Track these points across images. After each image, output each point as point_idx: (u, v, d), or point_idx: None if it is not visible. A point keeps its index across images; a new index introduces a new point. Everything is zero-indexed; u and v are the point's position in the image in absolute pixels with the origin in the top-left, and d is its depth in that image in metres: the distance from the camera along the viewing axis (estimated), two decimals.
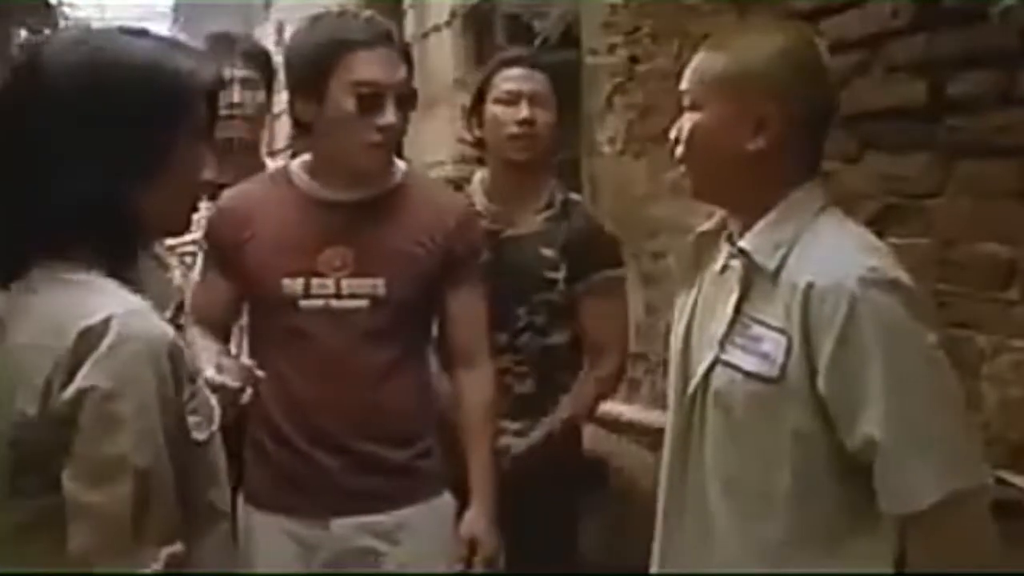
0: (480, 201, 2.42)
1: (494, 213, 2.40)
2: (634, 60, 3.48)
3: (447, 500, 2.06)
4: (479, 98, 2.43)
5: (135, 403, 1.13)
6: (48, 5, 8.99)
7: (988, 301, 2.12)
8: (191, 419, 1.21)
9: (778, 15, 2.56)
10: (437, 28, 5.21)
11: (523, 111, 2.35)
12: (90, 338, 1.13)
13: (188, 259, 2.38)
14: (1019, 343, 2.07)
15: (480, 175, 2.50)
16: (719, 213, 1.64)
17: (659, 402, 3.09)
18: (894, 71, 2.32)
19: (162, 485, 1.16)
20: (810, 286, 1.40)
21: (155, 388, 1.15)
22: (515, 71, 2.40)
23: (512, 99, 2.36)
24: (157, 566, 1.13)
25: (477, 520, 2.02)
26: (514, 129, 2.35)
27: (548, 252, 2.37)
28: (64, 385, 1.13)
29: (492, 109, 2.39)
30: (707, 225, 1.65)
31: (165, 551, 1.14)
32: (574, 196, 2.50)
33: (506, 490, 2.09)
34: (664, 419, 1.68)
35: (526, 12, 4.22)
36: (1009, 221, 2.08)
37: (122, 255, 1.24)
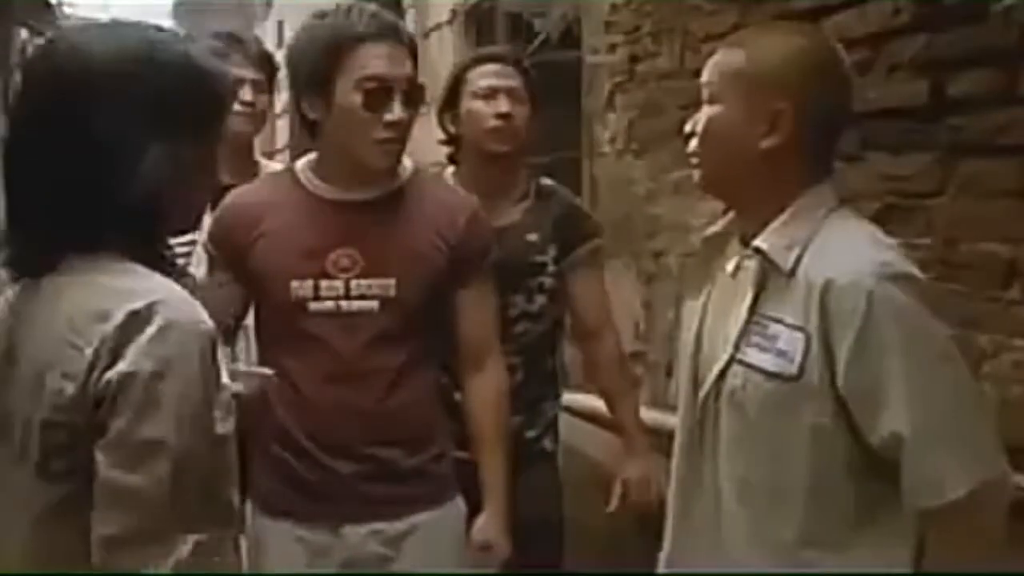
0: None
1: None
2: (635, 59, 3.48)
3: (458, 504, 2.02)
4: (453, 96, 2.44)
5: (178, 388, 1.13)
6: (48, 5, 9.01)
7: (989, 300, 2.12)
8: (216, 412, 1.20)
9: (778, 14, 2.56)
10: (438, 27, 5.21)
11: (502, 105, 2.36)
12: (136, 322, 1.12)
13: (186, 258, 2.38)
14: (1020, 342, 2.07)
15: (451, 171, 2.49)
16: (725, 216, 1.63)
17: (659, 402, 3.09)
18: (895, 70, 2.32)
19: (197, 471, 1.15)
20: (828, 283, 1.40)
21: (198, 374, 1.15)
22: (490, 67, 2.41)
23: (490, 94, 2.37)
24: (187, 548, 1.12)
25: (489, 525, 1.99)
26: (493, 123, 2.36)
27: (533, 237, 2.39)
28: (107, 367, 1.12)
29: (469, 105, 2.39)
30: (715, 228, 1.65)
31: (193, 537, 1.13)
32: (545, 181, 2.51)
33: None
34: (665, 419, 1.68)
35: (527, 11, 4.23)
36: (1010, 221, 2.08)
37: (157, 248, 1.24)
